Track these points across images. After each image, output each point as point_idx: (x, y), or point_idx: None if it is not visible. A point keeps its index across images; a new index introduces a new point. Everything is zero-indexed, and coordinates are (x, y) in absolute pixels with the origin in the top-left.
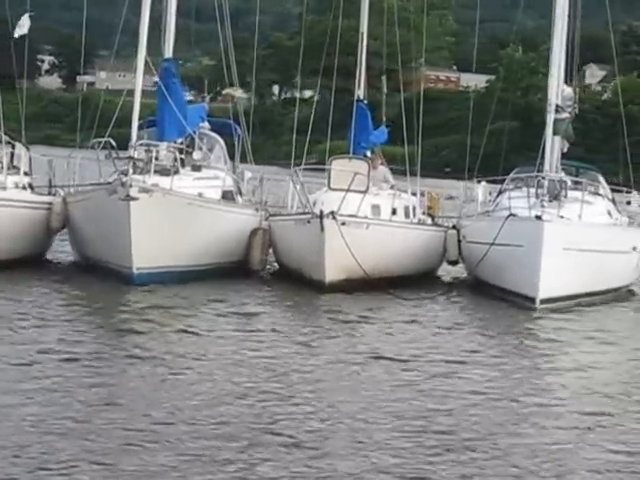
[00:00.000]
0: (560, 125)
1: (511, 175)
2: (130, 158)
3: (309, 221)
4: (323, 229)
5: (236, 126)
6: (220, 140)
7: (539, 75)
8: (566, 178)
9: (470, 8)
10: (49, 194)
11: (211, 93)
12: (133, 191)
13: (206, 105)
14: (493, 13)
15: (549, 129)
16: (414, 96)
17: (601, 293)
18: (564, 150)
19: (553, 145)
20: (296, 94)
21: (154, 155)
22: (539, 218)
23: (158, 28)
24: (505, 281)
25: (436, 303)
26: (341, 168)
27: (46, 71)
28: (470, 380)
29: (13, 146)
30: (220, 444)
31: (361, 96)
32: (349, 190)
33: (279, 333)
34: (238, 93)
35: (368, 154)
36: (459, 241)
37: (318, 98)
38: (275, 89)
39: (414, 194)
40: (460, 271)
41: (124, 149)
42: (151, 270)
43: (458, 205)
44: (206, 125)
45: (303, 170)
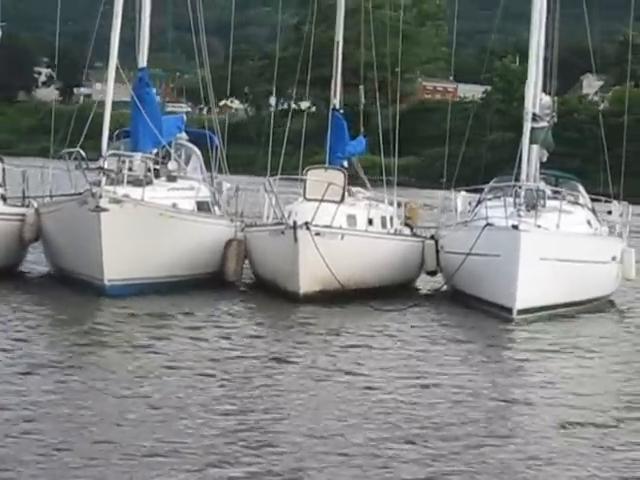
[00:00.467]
0: (538, 134)
1: (490, 184)
2: (100, 169)
3: (283, 232)
4: (297, 240)
5: (213, 136)
6: (197, 151)
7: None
8: (544, 187)
9: (465, 19)
10: (22, 205)
11: (208, 104)
12: (103, 202)
13: (184, 115)
14: (488, 24)
15: (526, 138)
16: (410, 107)
17: (580, 303)
18: (543, 159)
19: (531, 154)
20: (293, 105)
21: (127, 165)
22: (516, 228)
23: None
24: (482, 291)
25: (412, 314)
26: (316, 178)
27: (43, 83)
28: (444, 392)
29: None
30: (178, 457)
31: (337, 106)
32: (323, 200)
33: (250, 346)
34: (235, 104)
35: (345, 164)
36: (437, 251)
37: (314, 110)
38: (272, 100)
39: (398, 204)
40: (439, 282)
41: None
42: (123, 282)
43: (436, 215)
44: (183, 136)
45: (285, 180)
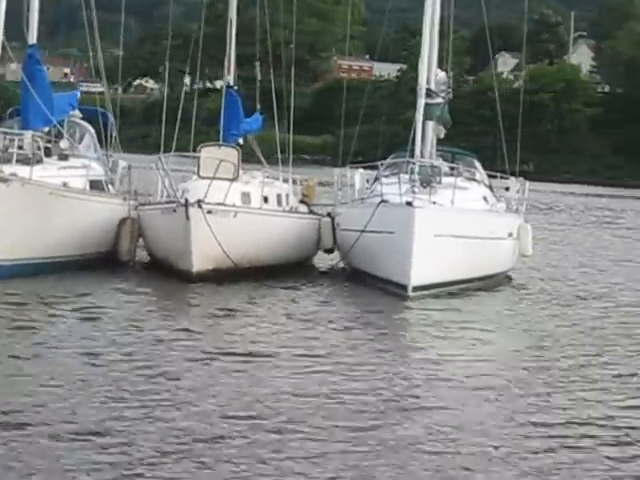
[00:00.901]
0: (433, 110)
1: (386, 161)
2: None
3: (175, 210)
4: (188, 218)
5: (107, 114)
6: (90, 129)
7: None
8: (439, 164)
9: None
10: None
11: (123, 84)
12: None
13: (78, 93)
14: (404, 3)
15: (419, 114)
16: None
17: (477, 280)
18: (441, 136)
19: (426, 130)
20: (208, 84)
21: (16, 144)
22: (410, 204)
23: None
24: (378, 269)
25: (306, 293)
26: (209, 156)
27: None
28: (336, 371)
29: None
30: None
31: (231, 83)
32: (216, 178)
33: (136, 327)
34: (149, 84)
35: (240, 141)
36: (334, 229)
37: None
38: (187, 80)
39: (294, 182)
40: (336, 259)
41: None
42: (8, 262)
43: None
44: (77, 113)
45: (184, 158)
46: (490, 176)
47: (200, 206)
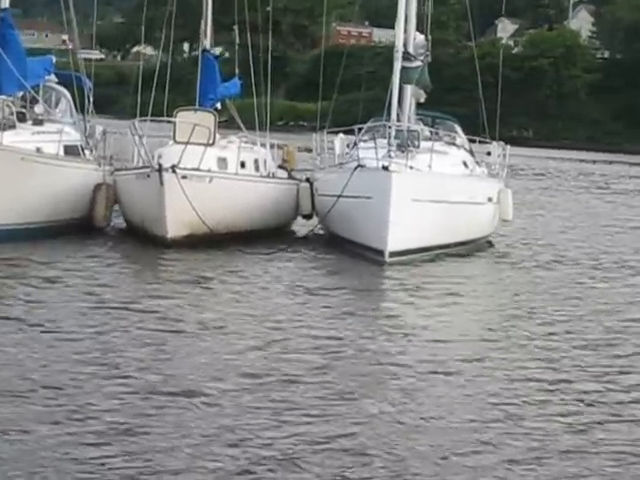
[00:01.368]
0: (412, 74)
1: (366, 125)
2: None
3: (149, 175)
4: (162, 183)
5: (85, 79)
6: (67, 93)
7: (449, 29)
8: (418, 128)
9: None
10: None
11: (121, 51)
12: None
13: (53, 57)
14: None
15: (395, 77)
16: (324, 52)
17: (456, 245)
18: (421, 100)
19: (405, 94)
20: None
21: None
22: (386, 169)
23: None
24: (356, 234)
25: (282, 259)
26: (185, 120)
27: None
28: (309, 339)
29: None
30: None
31: (208, 47)
32: (190, 143)
33: (107, 293)
34: (147, 51)
35: (218, 106)
36: (312, 194)
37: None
38: (185, 46)
39: (278, 147)
40: (315, 225)
41: None
42: None
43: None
44: (52, 78)
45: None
46: (470, 140)
47: (174, 171)
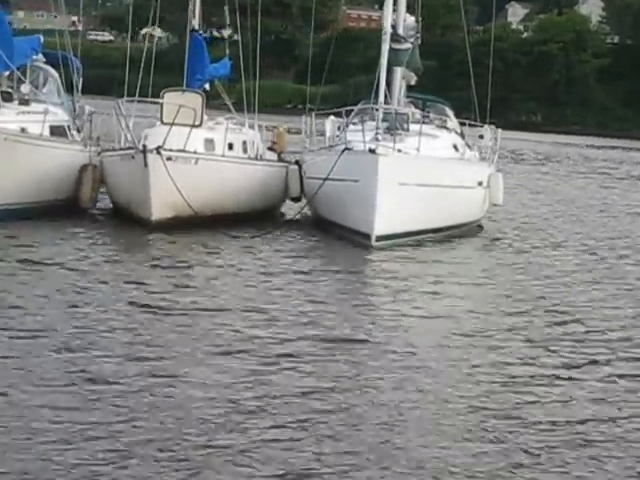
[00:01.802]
0: (401, 56)
1: (356, 108)
2: None
3: (133, 156)
4: (147, 165)
5: (73, 58)
6: (54, 73)
7: (458, 14)
8: (408, 111)
9: None
10: None
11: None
12: None
13: (41, 37)
14: None
15: (384, 59)
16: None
17: (445, 229)
18: (411, 82)
19: (395, 76)
20: (215, 33)
21: None
22: (373, 152)
23: None
24: (343, 218)
25: (267, 243)
26: (172, 101)
27: None
28: (289, 325)
29: None
30: None
31: (196, 27)
32: (175, 124)
33: (80, 276)
34: (157, 32)
35: (207, 87)
36: (301, 177)
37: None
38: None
39: (268, 129)
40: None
41: None
42: None
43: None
44: (40, 58)
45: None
46: (461, 124)
47: (159, 152)
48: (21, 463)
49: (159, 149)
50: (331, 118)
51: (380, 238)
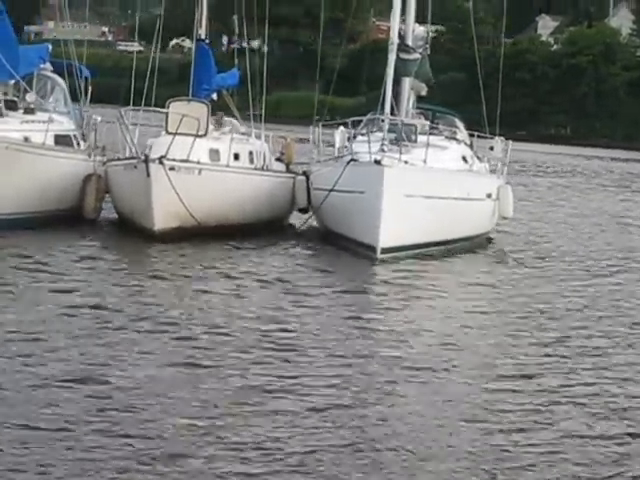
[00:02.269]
0: (410, 66)
1: (366, 118)
2: None
3: (136, 166)
4: (149, 174)
5: (82, 67)
6: (61, 82)
7: (487, 25)
8: (415, 121)
9: None
10: None
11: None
12: None
13: (49, 46)
14: None
15: (390, 69)
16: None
17: (452, 242)
18: (422, 93)
19: (403, 87)
20: (244, 44)
21: None
22: (378, 163)
23: None
24: (348, 229)
25: (272, 254)
26: (177, 111)
27: None
28: (291, 339)
29: None
30: None
31: (202, 36)
32: (179, 133)
33: (81, 290)
34: (186, 43)
35: (214, 97)
36: (309, 188)
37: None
38: (224, 39)
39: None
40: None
41: None
42: None
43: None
44: (48, 66)
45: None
46: (470, 135)
47: (161, 162)
48: None
49: (162, 159)
50: (340, 129)
51: (385, 250)
